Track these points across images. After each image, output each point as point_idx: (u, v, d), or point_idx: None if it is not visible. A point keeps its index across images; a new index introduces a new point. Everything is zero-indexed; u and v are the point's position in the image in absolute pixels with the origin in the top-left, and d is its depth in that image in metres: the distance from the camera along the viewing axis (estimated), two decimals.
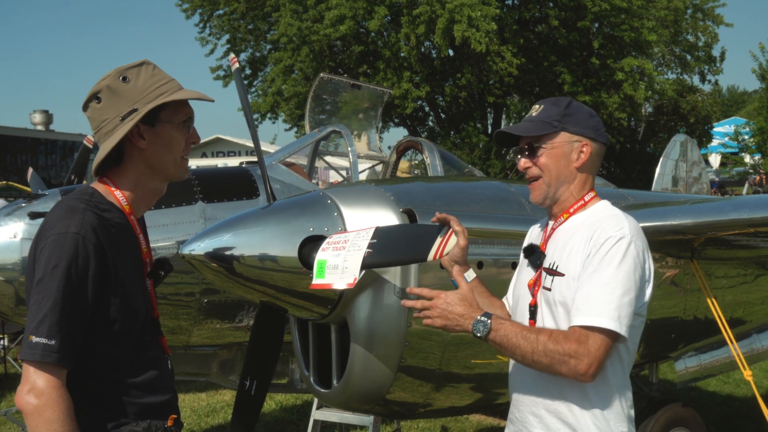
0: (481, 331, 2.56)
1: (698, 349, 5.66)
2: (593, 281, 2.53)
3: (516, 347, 2.53)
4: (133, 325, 2.39)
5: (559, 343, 2.48)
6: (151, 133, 2.45)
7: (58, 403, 2.17)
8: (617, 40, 24.67)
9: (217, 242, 3.73)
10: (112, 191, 2.47)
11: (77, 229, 2.28)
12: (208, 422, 7.56)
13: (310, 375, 4.15)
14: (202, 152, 40.80)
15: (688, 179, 10.38)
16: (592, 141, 2.73)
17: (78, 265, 2.24)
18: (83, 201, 2.38)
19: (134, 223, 2.49)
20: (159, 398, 2.45)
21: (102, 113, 2.43)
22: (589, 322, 2.49)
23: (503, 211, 4.27)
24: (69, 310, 2.22)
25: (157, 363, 2.49)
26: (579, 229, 2.66)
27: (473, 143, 24.84)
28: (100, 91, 2.44)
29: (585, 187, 2.75)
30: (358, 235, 3.28)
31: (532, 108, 2.82)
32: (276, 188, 5.29)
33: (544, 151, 2.72)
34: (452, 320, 2.62)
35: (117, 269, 2.34)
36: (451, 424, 7.28)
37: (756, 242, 5.23)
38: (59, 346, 2.19)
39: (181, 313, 5.53)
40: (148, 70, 2.47)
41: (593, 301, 2.50)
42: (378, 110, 8.07)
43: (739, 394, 8.43)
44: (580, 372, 2.48)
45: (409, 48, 23.55)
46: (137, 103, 2.41)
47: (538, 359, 2.51)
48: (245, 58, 27.58)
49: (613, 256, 2.53)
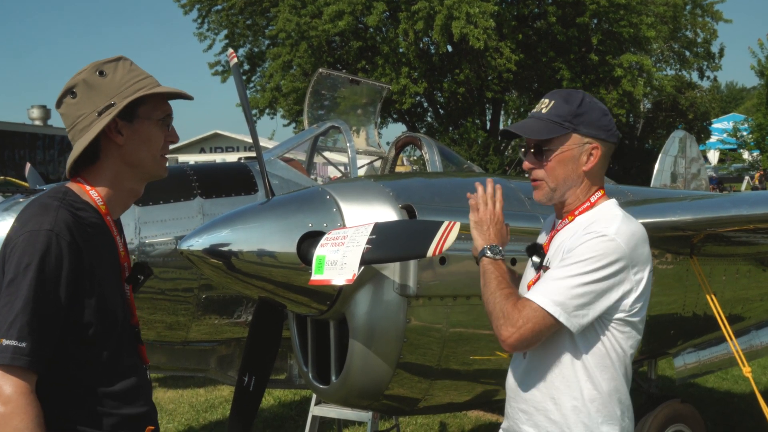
0: (483, 255, 2.69)
1: (697, 345, 5.66)
2: (557, 267, 2.54)
3: (485, 285, 2.63)
4: (111, 329, 2.27)
5: (505, 302, 2.52)
6: (129, 129, 2.35)
7: (26, 410, 2.03)
8: (616, 36, 24.67)
9: (215, 238, 3.71)
10: (87, 190, 2.35)
11: (50, 226, 2.16)
12: (206, 418, 7.55)
13: (308, 371, 4.15)
14: (201, 148, 40.80)
15: (687, 175, 10.37)
16: (602, 142, 2.62)
17: (51, 264, 2.12)
18: (57, 199, 2.26)
19: (111, 224, 2.38)
20: (136, 410, 2.32)
21: (77, 108, 2.33)
22: (530, 296, 2.51)
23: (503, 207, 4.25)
24: (41, 311, 2.09)
25: (136, 372, 2.36)
26: (580, 229, 2.59)
27: (472, 139, 24.85)
28: (76, 85, 2.34)
29: (591, 189, 2.66)
30: (357, 230, 3.28)
31: (542, 102, 2.68)
32: (274, 184, 5.27)
33: (552, 155, 2.60)
34: (484, 228, 2.77)
35: (93, 269, 2.22)
36: (449, 420, 7.28)
37: (755, 239, 5.22)
38: (30, 348, 2.05)
39: (179, 308, 5.51)
40: (126, 65, 2.38)
41: (547, 282, 2.53)
42: (377, 106, 8.05)
43: (737, 391, 8.43)
44: (502, 337, 2.51)
45: (407, 44, 23.55)
46: (115, 98, 2.31)
47: (487, 307, 2.59)
48: (243, 54, 27.56)
49: (584, 249, 2.48)
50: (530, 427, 2.65)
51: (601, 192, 2.68)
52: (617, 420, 2.60)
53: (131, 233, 5.18)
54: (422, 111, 28.24)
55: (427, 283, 3.82)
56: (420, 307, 3.83)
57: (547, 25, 24.45)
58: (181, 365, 5.92)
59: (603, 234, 2.48)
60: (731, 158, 40.66)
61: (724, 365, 5.87)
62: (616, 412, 2.60)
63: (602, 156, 2.63)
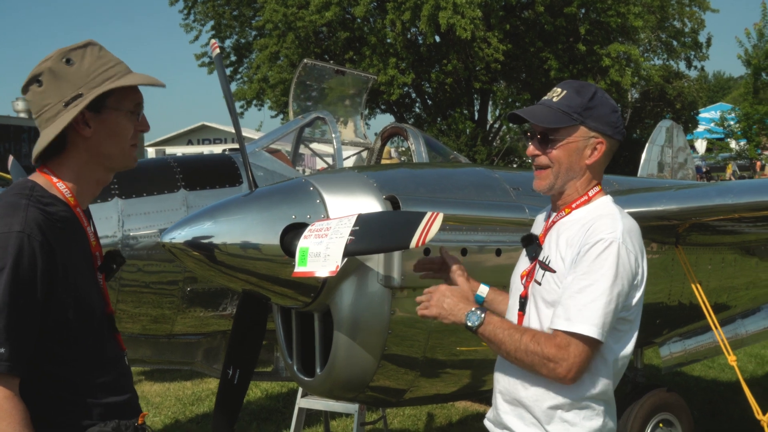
0: (473, 322, 2.57)
1: (683, 334, 5.68)
2: (579, 285, 2.48)
3: (501, 343, 2.54)
4: (90, 324, 2.26)
5: (540, 345, 2.48)
6: (97, 121, 2.28)
7: (11, 414, 2.02)
8: (603, 26, 24.67)
9: (197, 230, 3.68)
10: (54, 183, 2.29)
11: (21, 227, 2.10)
12: (193, 411, 7.52)
13: (293, 363, 4.12)
14: (188, 140, 40.65)
15: (674, 165, 10.39)
16: (608, 138, 2.64)
17: (24, 267, 2.08)
18: (24, 196, 2.19)
19: (80, 215, 2.33)
20: (121, 398, 2.33)
21: (43, 97, 2.26)
22: (571, 328, 2.46)
23: (488, 197, 4.24)
24: (18, 315, 2.06)
25: (117, 361, 2.37)
26: (576, 225, 2.60)
27: (459, 130, 24.84)
28: (42, 73, 2.26)
29: (591, 183, 2.67)
30: (341, 222, 3.26)
31: (554, 90, 2.68)
32: (259, 175, 5.24)
33: (557, 144, 2.61)
34: (447, 309, 2.64)
35: (66, 267, 2.18)
36: (437, 411, 7.28)
37: (740, 227, 5.23)
38: (9, 353, 2.03)
39: (164, 301, 5.48)
40: (94, 51, 2.30)
41: (579, 306, 2.47)
42: (363, 96, 8.02)
43: (723, 379, 8.47)
44: (560, 376, 2.48)
45: (395, 34, 23.48)
46: (82, 88, 2.24)
47: (520, 357, 2.51)
48: (230, 45, 27.45)
49: (603, 261, 2.47)
50: (514, 417, 2.66)
51: (599, 187, 2.70)
52: (600, 416, 2.61)
53: (114, 226, 5.15)
54: (410, 102, 28.20)
55: (411, 274, 3.79)
56: (405, 298, 3.81)
57: (535, 14, 24.42)
58: (167, 358, 5.90)
59: (612, 241, 2.49)
60: (718, 147, 40.79)
61: (709, 354, 5.89)
62: (599, 413, 2.61)
63: (606, 152, 2.66)
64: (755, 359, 9.34)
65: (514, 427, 2.66)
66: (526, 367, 2.53)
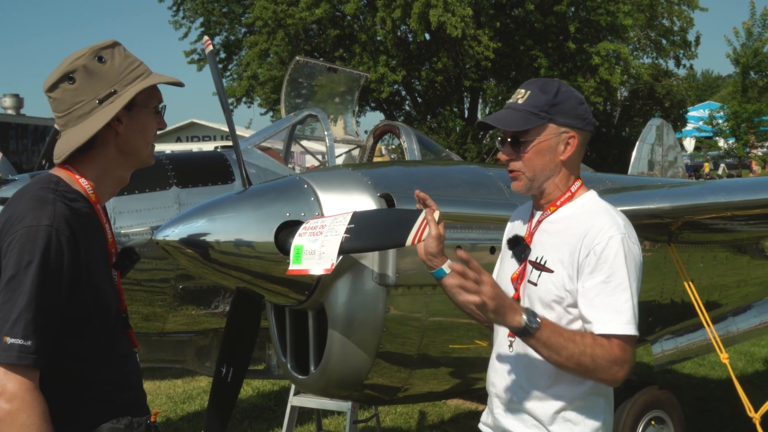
0: (534, 324, 2.30)
1: (675, 332, 5.69)
2: (610, 287, 2.45)
3: (561, 348, 2.35)
4: (106, 320, 2.29)
5: (605, 349, 2.40)
6: (128, 118, 2.34)
7: (32, 406, 2.04)
8: (593, 24, 24.75)
9: (191, 228, 3.67)
10: (77, 179, 2.33)
11: (50, 221, 2.14)
12: (184, 409, 7.50)
13: (287, 361, 4.11)
14: (177, 137, 40.47)
15: (664, 163, 10.41)
16: (579, 131, 2.59)
17: (52, 261, 2.11)
18: (51, 190, 2.23)
19: (100, 212, 2.38)
20: (132, 395, 2.37)
21: (76, 95, 2.30)
22: (614, 330, 2.42)
23: (481, 195, 4.24)
24: (44, 309, 2.09)
25: (128, 359, 2.40)
26: (569, 223, 2.56)
27: (450, 128, 24.87)
28: (75, 71, 2.30)
29: (571, 178, 2.63)
30: (336, 220, 3.24)
31: (518, 92, 2.64)
32: (251, 173, 5.23)
33: (529, 146, 2.56)
34: (505, 305, 2.27)
35: (89, 263, 2.22)
36: (429, 408, 7.28)
37: (733, 226, 5.25)
38: (36, 347, 2.06)
39: (155, 299, 5.46)
40: (121, 51, 2.36)
41: (618, 308, 2.44)
42: (354, 94, 8.00)
43: (714, 377, 8.50)
44: (619, 379, 2.44)
45: (385, 32, 23.46)
46: (115, 86, 2.31)
47: (583, 362, 2.39)
48: (220, 42, 27.37)
49: (622, 258, 2.46)
50: (514, 420, 2.62)
51: (580, 182, 2.66)
52: (601, 413, 2.60)
53: None
54: (400, 99, 28.20)
55: (406, 272, 3.79)
56: (399, 296, 3.80)
57: (525, 13, 24.46)
58: (158, 356, 5.88)
59: (623, 235, 2.48)
60: (707, 146, 40.93)
61: (701, 351, 5.91)
62: (600, 404, 2.60)
63: (579, 145, 2.61)
64: (745, 357, 9.38)
65: (515, 429, 2.62)
66: (583, 371, 2.41)
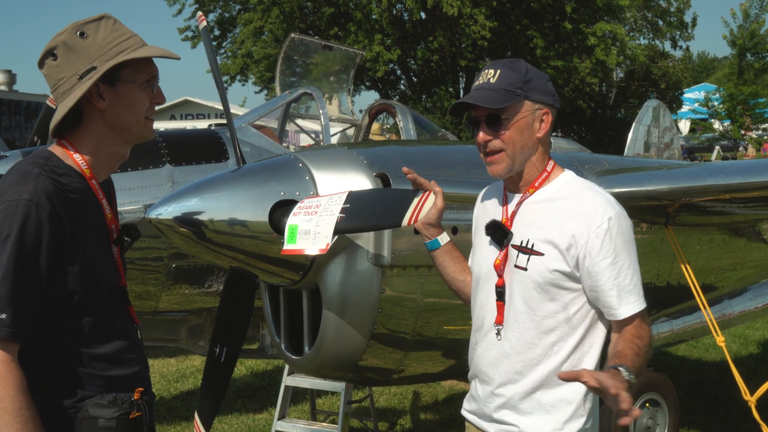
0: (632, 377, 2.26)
1: (670, 314, 5.67)
2: (618, 267, 2.49)
3: (643, 364, 2.44)
4: (97, 296, 2.28)
5: (638, 330, 2.49)
6: (112, 93, 2.31)
7: (6, 378, 2.06)
8: (590, 4, 24.63)
9: (185, 206, 3.61)
10: (71, 154, 2.33)
11: (30, 195, 2.15)
12: (177, 388, 7.49)
13: (281, 341, 4.08)
14: (171, 114, 40.34)
15: (660, 145, 10.37)
16: (551, 108, 2.60)
17: (30, 235, 2.12)
18: (38, 165, 2.24)
19: (95, 187, 2.35)
20: (126, 370, 2.36)
21: (59, 71, 2.30)
22: (640, 307, 2.51)
23: (479, 175, 4.17)
24: (21, 282, 2.10)
25: (125, 334, 2.39)
26: (553, 205, 2.54)
27: (445, 107, 24.77)
28: (56, 47, 2.29)
29: (545, 157, 2.62)
30: (331, 199, 3.20)
31: (486, 72, 2.61)
32: (246, 151, 5.18)
33: (509, 123, 2.53)
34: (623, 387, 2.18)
35: (75, 238, 2.22)
36: (423, 389, 7.28)
37: (730, 208, 5.21)
38: (11, 319, 2.07)
39: (149, 278, 5.43)
40: (108, 24, 2.32)
41: (629, 288, 2.50)
42: (350, 72, 7.93)
43: (708, 359, 8.52)
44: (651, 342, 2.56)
45: (380, 10, 23.32)
46: (96, 61, 2.27)
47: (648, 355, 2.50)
48: (214, 19, 27.19)
49: (623, 235, 2.50)
50: (505, 409, 2.61)
51: (552, 161, 2.65)
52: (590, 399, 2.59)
53: None
54: (395, 79, 28.10)
55: (401, 252, 3.76)
56: (394, 276, 3.77)
57: None
58: (152, 335, 5.85)
59: (619, 213, 2.51)
60: (702, 128, 40.92)
61: (696, 334, 5.89)
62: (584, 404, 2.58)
63: (551, 122, 2.63)
64: (739, 339, 9.41)
65: (507, 419, 2.61)
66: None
